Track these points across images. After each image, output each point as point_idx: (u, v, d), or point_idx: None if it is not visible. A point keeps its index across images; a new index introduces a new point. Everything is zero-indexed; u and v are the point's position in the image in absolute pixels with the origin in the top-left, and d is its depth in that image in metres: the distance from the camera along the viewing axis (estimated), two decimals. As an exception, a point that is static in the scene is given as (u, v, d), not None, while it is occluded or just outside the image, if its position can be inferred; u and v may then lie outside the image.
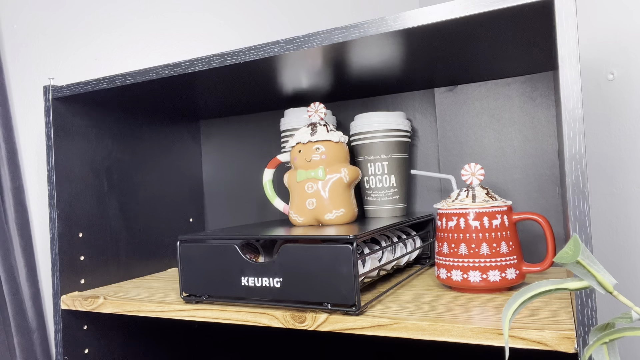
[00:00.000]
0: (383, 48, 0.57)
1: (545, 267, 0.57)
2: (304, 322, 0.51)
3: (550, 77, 0.73)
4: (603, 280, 0.29)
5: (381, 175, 0.75)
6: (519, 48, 0.60)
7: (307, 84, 0.73)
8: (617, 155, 0.86)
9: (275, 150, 0.94)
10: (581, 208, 0.41)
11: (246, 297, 0.54)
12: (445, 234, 0.58)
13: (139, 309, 0.61)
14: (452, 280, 0.57)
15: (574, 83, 0.42)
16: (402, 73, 0.70)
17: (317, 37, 0.54)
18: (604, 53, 0.87)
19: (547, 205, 0.74)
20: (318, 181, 0.65)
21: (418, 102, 0.83)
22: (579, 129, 0.42)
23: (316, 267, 0.50)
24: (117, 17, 0.99)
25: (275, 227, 0.64)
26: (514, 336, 0.43)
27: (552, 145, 0.74)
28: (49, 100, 0.71)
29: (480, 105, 0.78)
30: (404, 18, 0.50)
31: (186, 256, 0.58)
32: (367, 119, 0.76)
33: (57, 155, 0.71)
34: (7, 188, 0.89)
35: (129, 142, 0.84)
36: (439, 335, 0.46)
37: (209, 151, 1.01)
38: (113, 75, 0.67)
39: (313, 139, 0.66)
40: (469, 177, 0.60)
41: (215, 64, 0.60)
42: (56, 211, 0.71)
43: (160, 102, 0.81)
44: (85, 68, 0.97)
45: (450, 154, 0.80)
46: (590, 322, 0.41)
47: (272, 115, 0.94)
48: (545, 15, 0.47)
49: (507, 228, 0.57)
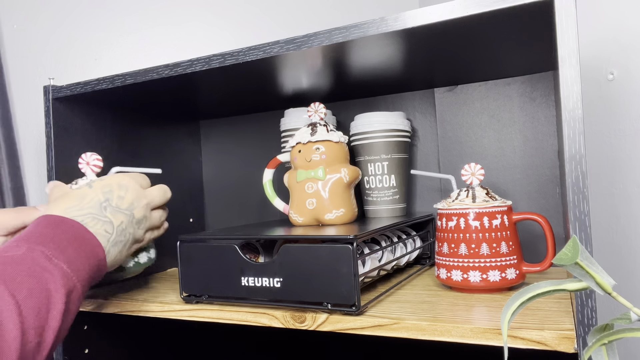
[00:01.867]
0: (383, 48, 0.57)
1: (545, 267, 0.57)
2: (304, 322, 0.51)
3: (550, 77, 0.73)
4: (602, 281, 0.29)
5: (381, 175, 0.75)
6: (519, 48, 0.60)
7: (307, 84, 0.73)
8: (617, 155, 0.86)
9: (275, 150, 0.94)
10: (581, 208, 0.41)
11: (246, 297, 0.54)
12: (445, 234, 0.58)
13: (139, 309, 0.61)
14: (452, 280, 0.57)
15: (574, 83, 0.42)
16: (402, 73, 0.70)
17: (317, 37, 0.54)
18: (604, 53, 0.87)
19: (547, 205, 0.74)
20: (318, 181, 0.65)
21: (418, 102, 0.83)
22: (579, 129, 0.42)
23: (316, 267, 0.50)
24: (117, 17, 0.99)
25: (275, 227, 0.64)
26: (513, 336, 0.43)
27: (552, 145, 0.74)
28: (49, 100, 0.71)
29: (480, 105, 0.78)
30: (404, 18, 0.50)
31: (186, 256, 0.58)
32: (367, 119, 0.76)
33: (57, 155, 0.71)
34: (7, 188, 0.89)
35: (129, 142, 0.84)
36: (439, 335, 0.46)
37: (209, 151, 1.01)
38: (113, 75, 0.67)
39: (313, 139, 0.66)
40: (469, 177, 0.60)
41: (216, 64, 0.60)
42: (56, 211, 0.71)
43: (160, 102, 0.81)
44: (85, 68, 0.97)
45: (450, 154, 0.80)
46: (590, 322, 0.41)
47: (272, 115, 0.94)
48: (545, 15, 0.47)
49: (507, 228, 0.57)
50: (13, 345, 0.36)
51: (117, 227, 0.51)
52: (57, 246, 0.43)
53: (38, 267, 0.41)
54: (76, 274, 0.43)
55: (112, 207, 0.52)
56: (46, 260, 0.41)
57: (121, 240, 0.51)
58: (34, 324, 0.38)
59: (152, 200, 0.58)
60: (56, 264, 0.42)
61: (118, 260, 0.53)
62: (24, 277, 0.39)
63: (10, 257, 0.40)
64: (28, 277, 0.39)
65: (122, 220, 0.52)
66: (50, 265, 0.41)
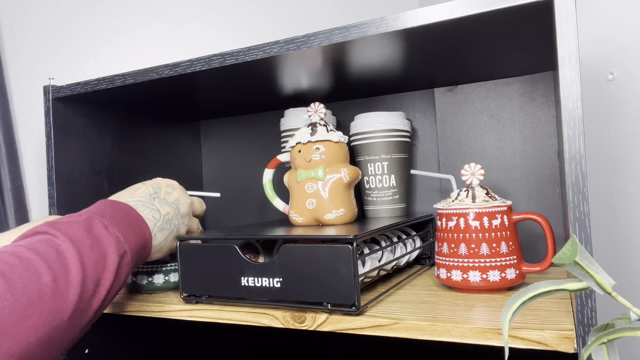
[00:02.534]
0: (383, 48, 0.57)
1: (545, 267, 0.57)
2: (304, 322, 0.51)
3: (550, 77, 0.73)
4: (601, 281, 0.29)
5: (381, 175, 0.75)
6: (519, 48, 0.60)
7: (307, 84, 0.73)
8: (617, 155, 0.86)
9: (275, 150, 0.94)
10: (581, 208, 0.41)
11: (246, 297, 0.54)
12: (445, 234, 0.58)
13: (139, 309, 0.61)
14: (452, 280, 0.57)
15: (574, 83, 0.42)
16: (402, 73, 0.70)
17: (317, 37, 0.54)
18: (604, 53, 0.87)
19: (547, 205, 0.74)
20: (318, 181, 0.65)
21: (418, 102, 0.83)
22: (579, 129, 0.42)
23: (316, 267, 0.50)
24: (117, 17, 0.99)
25: (275, 227, 0.64)
26: (514, 336, 0.43)
27: (552, 145, 0.74)
28: (49, 100, 0.71)
29: (480, 105, 0.78)
30: (404, 18, 0.50)
31: (186, 256, 0.58)
32: (367, 119, 0.76)
33: (57, 155, 0.71)
34: (7, 188, 0.89)
35: (129, 142, 0.84)
36: (438, 335, 0.46)
37: (209, 151, 1.01)
38: (113, 75, 0.67)
39: (313, 139, 0.66)
40: (469, 177, 0.60)
41: (216, 64, 0.60)
42: (56, 211, 0.71)
43: (160, 102, 0.81)
44: (85, 68, 0.97)
45: (450, 154, 0.80)
46: (590, 322, 0.41)
47: (272, 115, 0.94)
48: (545, 15, 0.47)
49: (507, 228, 0.57)
50: (76, 287, 0.42)
51: (163, 216, 0.57)
52: (112, 218, 0.50)
53: (96, 230, 0.47)
54: (127, 242, 0.50)
55: (160, 199, 0.58)
56: (103, 227, 0.48)
57: (167, 228, 0.57)
58: (92, 275, 0.44)
59: (194, 203, 0.64)
60: (111, 232, 0.48)
61: (163, 247, 0.57)
62: (85, 236, 0.46)
63: (74, 221, 0.47)
64: (88, 237, 0.46)
65: (168, 211, 0.58)
66: (106, 232, 0.48)
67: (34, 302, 0.38)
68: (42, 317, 0.39)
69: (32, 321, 0.38)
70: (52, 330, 0.40)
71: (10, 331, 0.36)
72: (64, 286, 0.41)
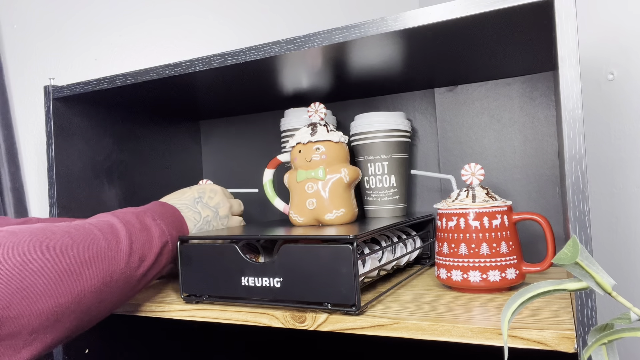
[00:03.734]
0: (383, 48, 0.57)
1: (545, 267, 0.57)
2: (304, 322, 0.51)
3: (550, 77, 0.73)
4: (602, 281, 0.29)
5: (381, 175, 0.75)
6: (519, 48, 0.60)
7: (307, 84, 0.73)
8: (617, 155, 0.86)
9: (275, 151, 0.94)
10: (581, 208, 0.41)
11: (246, 297, 0.54)
12: (445, 234, 0.58)
13: (139, 309, 0.61)
14: (452, 280, 0.57)
15: (574, 83, 0.42)
16: (402, 73, 0.70)
17: (317, 37, 0.54)
18: (604, 53, 0.87)
19: (547, 205, 0.74)
20: (318, 181, 0.65)
21: (418, 102, 0.83)
22: (579, 129, 0.42)
23: (316, 267, 0.50)
24: (117, 18, 0.99)
25: (275, 227, 0.64)
26: (514, 336, 0.43)
27: (552, 145, 0.74)
28: (49, 100, 0.71)
29: (480, 105, 0.78)
30: (404, 18, 0.50)
31: (186, 256, 0.58)
32: (367, 119, 0.76)
33: (57, 155, 0.71)
34: (7, 188, 0.89)
35: (129, 142, 0.84)
36: (439, 335, 0.46)
37: (209, 151, 1.01)
38: (113, 75, 0.67)
39: (313, 139, 0.66)
40: (469, 177, 0.60)
41: (216, 64, 0.60)
42: (56, 211, 0.71)
43: (160, 102, 0.81)
44: (85, 68, 0.97)
45: (450, 154, 0.80)
46: (590, 322, 0.41)
47: (272, 115, 0.94)
48: (545, 15, 0.47)
49: (507, 228, 0.57)
50: (124, 257, 0.51)
51: (203, 218, 0.66)
52: (160, 215, 0.59)
53: (146, 220, 0.57)
54: (170, 235, 0.58)
55: (203, 203, 0.67)
56: (152, 219, 0.57)
57: (205, 229, 0.66)
58: (138, 252, 0.53)
59: (232, 206, 0.72)
60: (158, 223, 0.57)
61: None
62: (136, 222, 0.55)
63: (130, 211, 0.57)
64: (139, 223, 0.55)
65: (208, 214, 0.67)
66: (154, 222, 0.57)
67: (92, 258, 0.48)
68: (96, 271, 0.48)
69: (90, 272, 0.48)
70: (103, 285, 0.49)
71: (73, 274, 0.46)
72: (115, 252, 0.51)
